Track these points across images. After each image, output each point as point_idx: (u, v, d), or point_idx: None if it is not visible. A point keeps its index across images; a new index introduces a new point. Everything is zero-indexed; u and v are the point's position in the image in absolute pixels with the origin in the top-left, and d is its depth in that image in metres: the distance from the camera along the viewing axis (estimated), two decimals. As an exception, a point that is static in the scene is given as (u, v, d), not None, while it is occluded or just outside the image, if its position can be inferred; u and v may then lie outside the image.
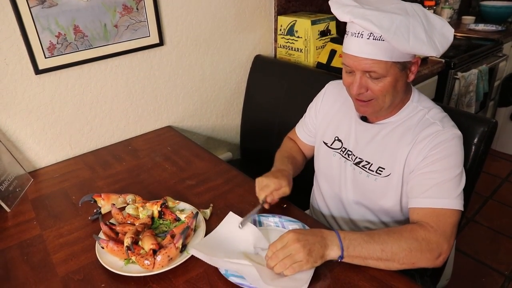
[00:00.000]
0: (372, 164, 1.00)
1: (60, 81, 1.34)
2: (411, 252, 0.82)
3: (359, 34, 0.86)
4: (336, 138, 1.09)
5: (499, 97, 2.79)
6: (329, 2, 0.91)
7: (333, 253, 0.82)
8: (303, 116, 1.24)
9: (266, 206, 1.02)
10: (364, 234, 0.84)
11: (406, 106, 0.98)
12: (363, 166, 1.02)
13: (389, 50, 0.84)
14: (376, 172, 0.99)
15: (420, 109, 0.96)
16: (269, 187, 1.00)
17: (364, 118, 1.04)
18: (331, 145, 1.11)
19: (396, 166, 0.95)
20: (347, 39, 0.90)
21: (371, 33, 0.84)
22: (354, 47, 0.88)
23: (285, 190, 1.02)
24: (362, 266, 0.84)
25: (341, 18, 0.87)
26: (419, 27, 0.83)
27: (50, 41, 1.27)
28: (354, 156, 1.04)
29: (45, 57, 1.27)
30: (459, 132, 0.92)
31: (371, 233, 0.85)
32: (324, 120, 1.14)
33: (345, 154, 1.06)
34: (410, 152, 0.93)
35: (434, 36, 0.85)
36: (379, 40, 0.84)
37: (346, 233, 0.84)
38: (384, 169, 0.98)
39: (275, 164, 1.14)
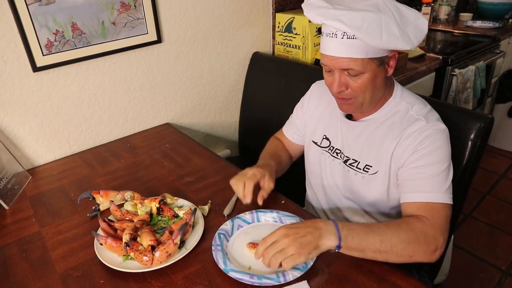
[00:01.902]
0: (359, 162, 1.01)
1: (58, 78, 1.34)
2: (409, 244, 0.82)
3: (333, 35, 0.87)
4: (324, 137, 1.11)
5: (497, 94, 2.80)
6: (302, 5, 0.93)
7: (329, 243, 0.79)
8: (290, 117, 1.25)
9: (247, 200, 0.99)
10: (363, 225, 0.84)
11: (388, 102, 0.98)
12: (350, 164, 1.03)
13: (364, 47, 0.85)
14: (363, 170, 1.00)
15: (403, 105, 0.97)
16: (256, 176, 1.01)
17: (349, 116, 1.05)
18: (320, 143, 1.12)
19: (383, 162, 0.96)
20: (322, 39, 0.91)
21: (344, 32, 0.85)
22: (330, 47, 0.89)
23: (270, 184, 1.03)
24: (360, 261, 0.85)
25: (314, 20, 0.89)
26: (391, 22, 0.84)
27: (47, 38, 1.27)
28: (343, 154, 1.05)
29: (43, 55, 1.27)
30: (444, 126, 0.93)
31: (369, 224, 0.85)
32: (312, 120, 1.15)
33: (333, 153, 1.08)
34: (396, 147, 0.93)
35: (407, 29, 0.86)
36: (353, 38, 0.84)
37: (343, 223, 0.83)
38: (371, 166, 0.99)
39: (258, 162, 1.13)
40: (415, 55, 1.96)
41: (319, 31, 1.71)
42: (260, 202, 1.01)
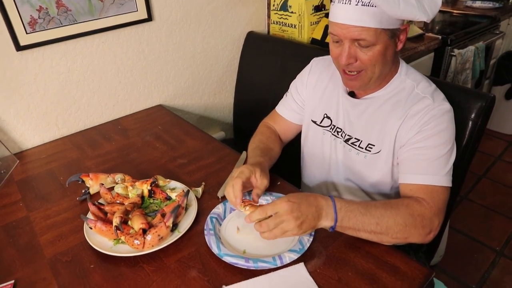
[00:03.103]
0: (361, 141, 0.98)
1: (43, 58, 1.28)
2: (405, 227, 0.81)
3: (347, 1, 0.82)
4: (325, 116, 1.07)
5: (494, 76, 2.77)
6: None
7: (325, 223, 0.80)
8: (285, 95, 1.19)
9: (238, 201, 0.86)
10: (361, 205, 0.82)
11: (394, 79, 0.95)
12: (352, 143, 1.00)
13: (378, 16, 0.81)
14: (365, 149, 0.97)
15: (409, 82, 0.94)
16: (244, 173, 0.89)
17: (351, 94, 1.01)
18: (320, 123, 1.08)
19: (386, 142, 0.94)
20: (334, 7, 0.87)
21: None
22: (342, 14, 0.84)
23: (263, 180, 0.91)
24: (358, 242, 0.83)
25: None
26: None
27: (31, 15, 1.20)
28: (344, 133, 1.02)
29: (26, 33, 1.21)
30: (449, 106, 0.90)
31: (368, 204, 0.83)
32: (312, 98, 1.10)
33: (334, 132, 1.04)
34: (401, 127, 0.91)
35: (423, 0, 0.83)
36: (368, 5, 0.81)
37: (343, 203, 0.81)
38: (373, 146, 0.96)
39: (248, 160, 1.05)
40: (414, 34, 1.92)
41: (315, 9, 1.65)
42: (256, 199, 0.90)
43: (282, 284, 0.74)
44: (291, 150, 1.22)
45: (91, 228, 0.87)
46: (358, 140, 0.98)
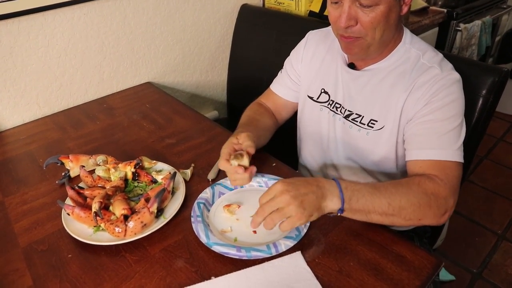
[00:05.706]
0: (363, 116, 0.90)
1: (19, 30, 1.18)
2: (420, 207, 0.73)
3: None
4: (323, 91, 0.99)
5: (498, 54, 2.67)
6: None
7: (332, 205, 0.70)
8: (279, 72, 1.11)
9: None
10: (368, 185, 0.74)
11: (397, 49, 0.87)
12: (353, 119, 0.92)
13: None
14: (367, 125, 0.90)
15: (414, 52, 0.86)
16: (224, 153, 0.83)
17: (351, 66, 0.93)
18: (317, 99, 1.00)
19: (390, 117, 0.86)
20: None
21: None
22: None
23: (247, 142, 0.84)
24: (360, 229, 0.76)
25: None
26: None
27: (2, -18, 1.10)
28: (344, 109, 0.94)
29: (-1, 1, 1.11)
30: (458, 76, 0.83)
31: (375, 184, 0.75)
32: (308, 72, 1.02)
33: (333, 108, 0.96)
34: (407, 99, 0.83)
35: None
36: None
37: (347, 183, 0.72)
38: (376, 121, 0.88)
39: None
40: (417, 7, 1.82)
41: (314, -21, 1.54)
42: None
43: (278, 275, 0.67)
44: (287, 130, 1.14)
45: (68, 215, 0.79)
46: (359, 115, 0.91)
